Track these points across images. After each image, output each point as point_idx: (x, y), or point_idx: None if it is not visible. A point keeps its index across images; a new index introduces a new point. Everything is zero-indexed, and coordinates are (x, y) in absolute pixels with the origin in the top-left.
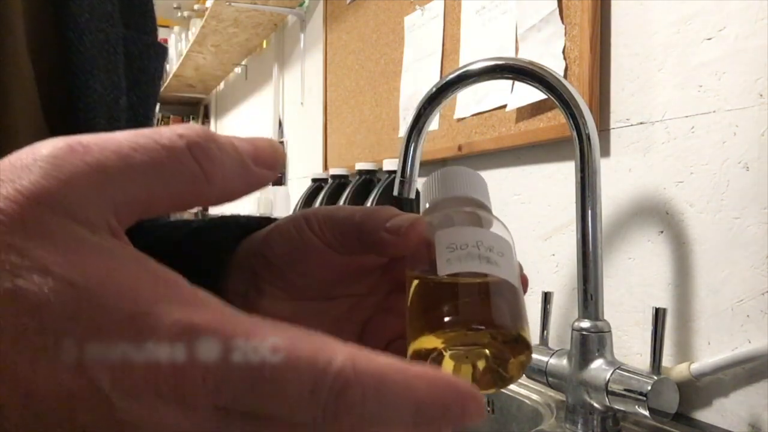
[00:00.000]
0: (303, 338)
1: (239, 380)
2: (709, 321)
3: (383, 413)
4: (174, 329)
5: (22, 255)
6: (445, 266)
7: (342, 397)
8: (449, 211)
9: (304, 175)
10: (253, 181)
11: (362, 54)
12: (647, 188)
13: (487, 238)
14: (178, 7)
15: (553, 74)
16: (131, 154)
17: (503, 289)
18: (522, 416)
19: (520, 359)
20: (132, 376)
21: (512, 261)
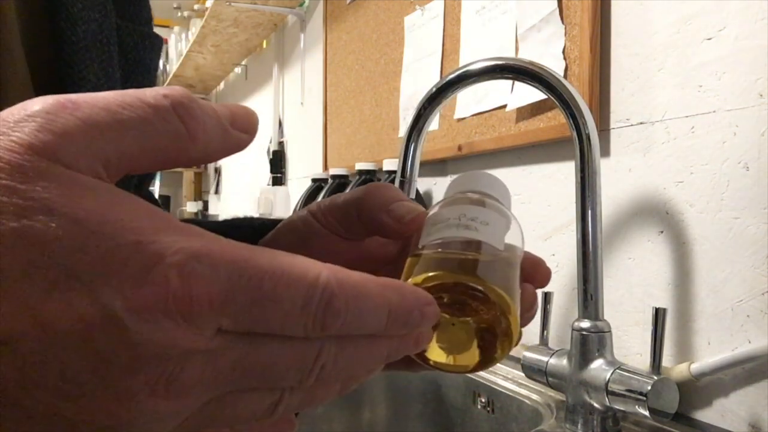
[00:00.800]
0: (291, 259)
1: (241, 299)
2: (709, 321)
3: (362, 318)
4: (180, 254)
5: (25, 197)
6: (425, 238)
7: (329, 307)
8: (452, 197)
9: (304, 175)
10: (231, 143)
11: (362, 54)
12: (647, 188)
13: (473, 210)
14: (178, 7)
15: (553, 74)
16: (119, 111)
17: (487, 252)
18: (522, 416)
19: (507, 334)
20: (144, 300)
21: (499, 231)
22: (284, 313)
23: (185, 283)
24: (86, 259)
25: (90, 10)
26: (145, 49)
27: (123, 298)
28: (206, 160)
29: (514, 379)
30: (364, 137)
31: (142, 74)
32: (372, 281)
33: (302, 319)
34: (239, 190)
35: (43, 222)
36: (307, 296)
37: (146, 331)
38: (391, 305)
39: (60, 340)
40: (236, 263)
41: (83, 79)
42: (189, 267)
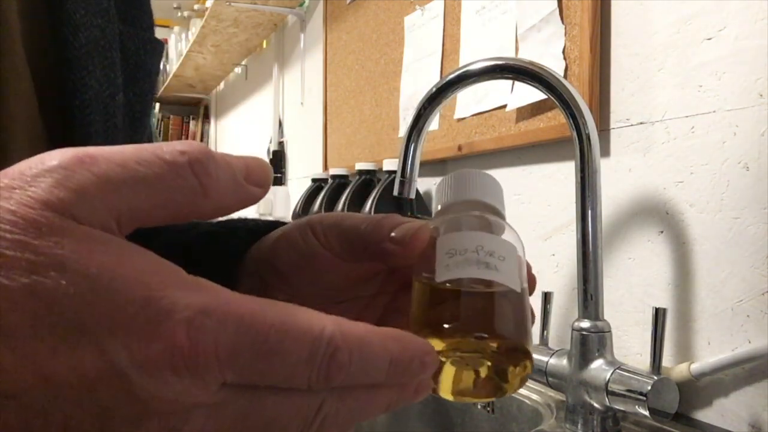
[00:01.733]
0: (296, 311)
1: (247, 353)
2: (709, 321)
3: (365, 369)
4: (189, 310)
5: (38, 253)
6: (443, 272)
7: (333, 360)
8: (457, 215)
9: (304, 175)
10: (245, 197)
11: (362, 54)
12: (647, 188)
13: (489, 242)
14: (178, 7)
15: (553, 74)
16: (135, 168)
17: (504, 296)
18: (522, 416)
19: (520, 369)
20: (150, 356)
21: (516, 266)
22: (289, 366)
23: (193, 337)
24: (95, 314)
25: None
26: (147, 54)
27: (130, 352)
28: (219, 214)
29: None
30: (364, 137)
31: (143, 78)
32: (374, 332)
33: (307, 371)
34: None
35: (53, 278)
36: (312, 349)
37: (152, 386)
38: (393, 356)
39: (65, 393)
40: (243, 317)
41: (85, 84)
42: (197, 322)
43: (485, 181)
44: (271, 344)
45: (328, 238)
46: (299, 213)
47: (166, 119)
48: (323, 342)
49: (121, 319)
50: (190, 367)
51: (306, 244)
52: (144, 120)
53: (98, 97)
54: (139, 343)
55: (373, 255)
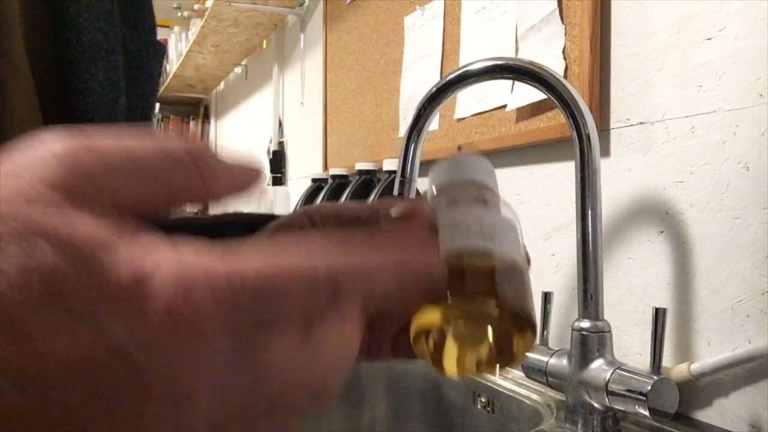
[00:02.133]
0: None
1: (248, 298)
2: (709, 321)
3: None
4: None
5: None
6: (446, 242)
7: (337, 281)
8: (455, 194)
9: (304, 175)
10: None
11: (362, 54)
12: (647, 188)
13: (491, 216)
14: (178, 7)
15: (553, 74)
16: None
17: (506, 266)
18: (522, 416)
19: (524, 336)
20: (149, 326)
21: (516, 241)
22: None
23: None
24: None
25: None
26: (149, 57)
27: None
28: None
29: (514, 379)
30: (364, 137)
31: (145, 81)
32: None
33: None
34: None
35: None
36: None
37: (154, 355)
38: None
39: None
40: (233, 270)
41: (88, 88)
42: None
43: (478, 162)
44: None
45: (326, 226)
46: None
47: (166, 119)
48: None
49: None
50: (191, 329)
51: (303, 234)
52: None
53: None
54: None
55: None
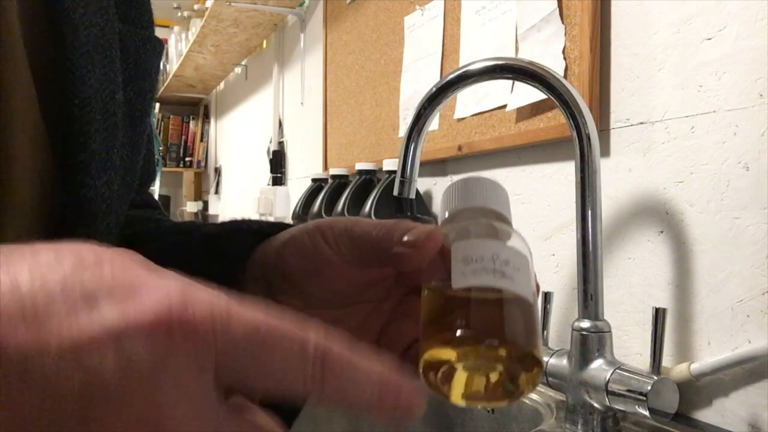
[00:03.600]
0: (279, 315)
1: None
2: (709, 321)
3: (357, 380)
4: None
5: None
6: (459, 279)
7: (326, 361)
8: (467, 223)
9: (304, 175)
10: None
11: (362, 54)
12: (647, 188)
13: (504, 251)
14: (178, 7)
15: (553, 74)
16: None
17: (518, 305)
18: (522, 416)
19: (531, 374)
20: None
21: (528, 275)
22: (282, 363)
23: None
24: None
25: (92, 15)
26: (147, 53)
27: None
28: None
29: None
30: (364, 137)
31: (142, 77)
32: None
33: (301, 370)
34: (239, 190)
35: None
36: (302, 346)
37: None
38: (382, 376)
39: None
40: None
41: (85, 83)
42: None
43: (492, 188)
44: (263, 333)
45: (339, 245)
46: (299, 213)
47: (166, 119)
48: (312, 341)
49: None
50: (185, 329)
51: (316, 250)
52: (144, 119)
53: (98, 95)
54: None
55: (385, 260)
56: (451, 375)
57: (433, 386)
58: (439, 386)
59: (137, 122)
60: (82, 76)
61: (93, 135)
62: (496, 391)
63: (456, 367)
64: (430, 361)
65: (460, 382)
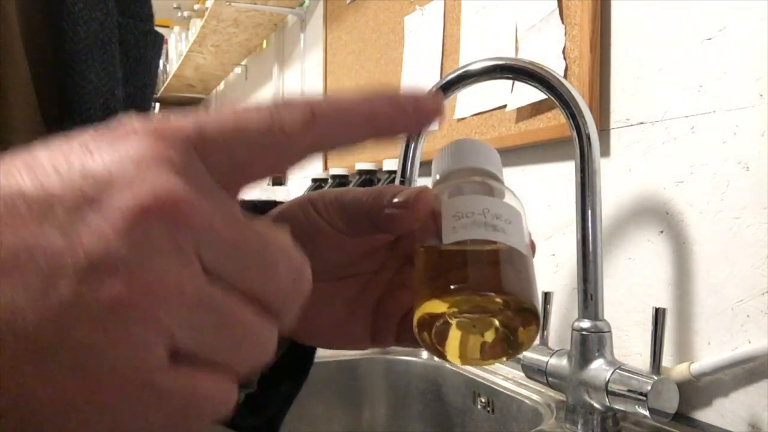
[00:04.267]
0: None
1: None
2: (709, 321)
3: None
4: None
5: None
6: (450, 234)
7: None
8: (458, 181)
9: (304, 175)
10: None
11: (362, 54)
12: (647, 188)
13: (495, 205)
14: (178, 7)
15: (553, 74)
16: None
17: (511, 257)
18: (522, 416)
19: (529, 328)
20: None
21: (521, 229)
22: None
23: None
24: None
25: (91, 8)
26: (147, 47)
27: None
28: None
29: (514, 379)
30: None
31: (142, 72)
32: None
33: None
34: None
35: None
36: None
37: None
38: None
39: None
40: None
41: (85, 78)
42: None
43: (483, 149)
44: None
45: (330, 213)
46: None
47: None
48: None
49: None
50: (164, 217)
51: (308, 221)
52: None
53: (98, 90)
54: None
55: (377, 225)
56: (446, 332)
57: (429, 346)
58: (435, 345)
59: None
60: (82, 71)
61: None
62: (493, 348)
63: (451, 322)
64: (424, 315)
65: (455, 339)
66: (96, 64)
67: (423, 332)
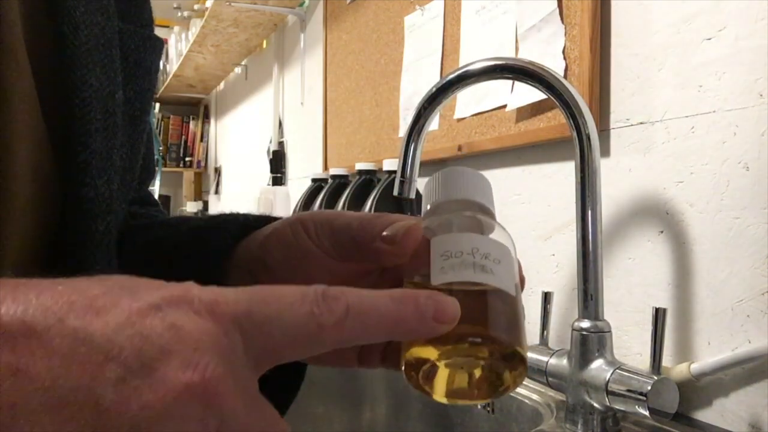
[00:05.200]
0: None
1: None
2: (709, 321)
3: (372, 304)
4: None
5: None
6: (438, 275)
7: (326, 295)
8: (448, 216)
9: (304, 175)
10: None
11: (362, 54)
12: (647, 188)
13: (484, 244)
14: (178, 7)
15: (553, 74)
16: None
17: (500, 299)
18: (522, 416)
19: (514, 372)
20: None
21: (510, 268)
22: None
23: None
24: None
25: (92, 13)
26: (146, 52)
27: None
28: None
29: None
30: (364, 137)
31: (142, 76)
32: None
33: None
34: (239, 190)
35: None
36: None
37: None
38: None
39: None
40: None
41: (86, 83)
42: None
43: (474, 179)
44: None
45: (320, 236)
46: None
47: (166, 119)
48: (311, 288)
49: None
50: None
51: (297, 242)
52: (143, 117)
53: (98, 95)
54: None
55: (365, 254)
56: (433, 375)
57: (416, 386)
58: (422, 385)
59: (137, 121)
60: (83, 75)
61: (93, 134)
62: (479, 387)
63: (438, 366)
64: (412, 360)
65: (442, 379)
66: (96, 68)
67: (410, 373)
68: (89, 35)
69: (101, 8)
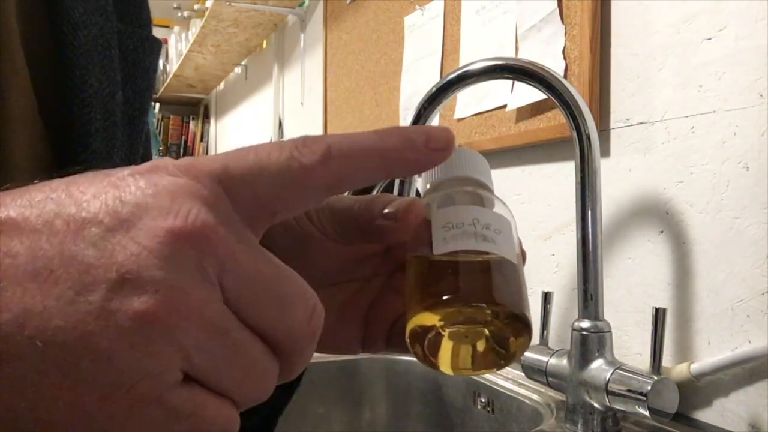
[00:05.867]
0: None
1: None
2: (709, 321)
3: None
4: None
5: None
6: (441, 245)
7: (305, 139)
8: (449, 191)
9: None
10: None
11: (362, 54)
12: (647, 188)
13: (485, 215)
14: (178, 7)
15: (553, 74)
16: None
17: (501, 266)
18: (522, 416)
19: (520, 339)
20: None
21: (511, 239)
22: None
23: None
24: None
25: (91, 14)
26: (145, 52)
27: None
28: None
29: (514, 379)
30: None
31: (141, 76)
32: None
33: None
34: None
35: None
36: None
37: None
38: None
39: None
40: None
41: (85, 83)
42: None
43: (473, 157)
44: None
45: (322, 220)
46: None
47: (166, 119)
48: (288, 139)
49: None
50: (194, 242)
51: (300, 227)
52: (142, 117)
53: (97, 95)
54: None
55: (367, 234)
56: (438, 343)
57: (421, 357)
58: (427, 356)
59: (135, 121)
60: (82, 75)
61: (93, 135)
62: (484, 357)
63: (443, 333)
64: (416, 328)
65: (446, 350)
66: (95, 68)
67: (415, 343)
68: (88, 36)
69: (100, 9)
